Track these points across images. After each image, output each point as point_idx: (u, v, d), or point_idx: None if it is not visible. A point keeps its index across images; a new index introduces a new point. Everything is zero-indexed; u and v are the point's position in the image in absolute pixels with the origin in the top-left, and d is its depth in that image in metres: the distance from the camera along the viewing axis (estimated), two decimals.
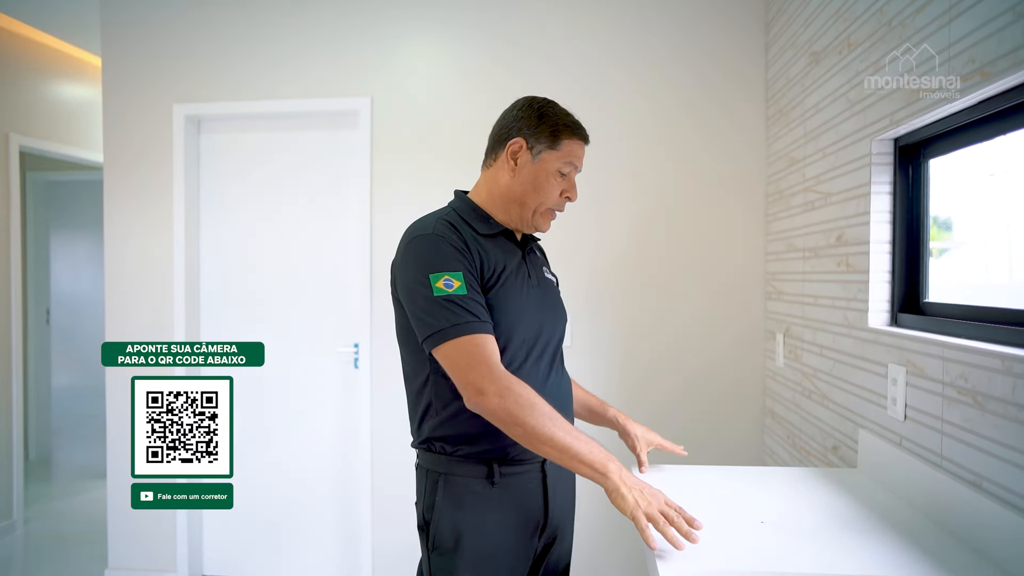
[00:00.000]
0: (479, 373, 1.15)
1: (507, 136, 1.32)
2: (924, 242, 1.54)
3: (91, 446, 4.68)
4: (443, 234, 1.24)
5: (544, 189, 1.31)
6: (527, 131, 1.30)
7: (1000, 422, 1.09)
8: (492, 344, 1.19)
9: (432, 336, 1.19)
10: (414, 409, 1.34)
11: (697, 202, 2.59)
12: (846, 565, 1.05)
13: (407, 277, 1.24)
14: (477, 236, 1.29)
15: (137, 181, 2.88)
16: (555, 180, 1.31)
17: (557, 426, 1.13)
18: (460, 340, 1.17)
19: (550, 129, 1.30)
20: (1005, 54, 1.07)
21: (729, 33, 2.57)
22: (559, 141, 1.30)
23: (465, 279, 1.20)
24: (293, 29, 2.78)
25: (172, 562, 2.87)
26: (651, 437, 1.51)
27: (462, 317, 1.17)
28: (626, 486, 1.10)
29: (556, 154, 1.30)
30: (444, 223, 1.27)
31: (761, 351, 2.56)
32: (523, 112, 1.32)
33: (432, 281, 1.19)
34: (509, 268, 1.29)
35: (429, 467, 1.32)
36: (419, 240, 1.26)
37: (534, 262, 1.40)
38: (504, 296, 1.26)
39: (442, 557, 1.27)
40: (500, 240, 1.33)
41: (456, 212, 1.33)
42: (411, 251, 1.26)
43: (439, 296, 1.18)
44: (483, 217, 1.33)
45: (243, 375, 2.91)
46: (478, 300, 1.21)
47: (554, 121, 1.30)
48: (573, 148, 1.32)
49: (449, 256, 1.22)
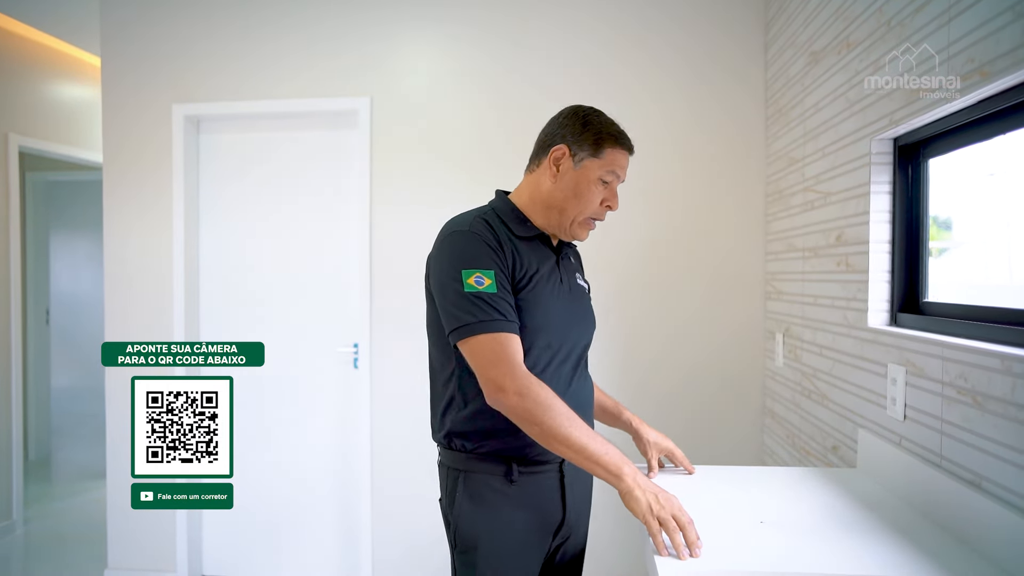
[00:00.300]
0: (500, 371, 1.17)
1: (551, 142, 1.33)
2: (924, 241, 1.54)
3: (90, 446, 4.67)
4: (479, 232, 1.26)
5: (585, 196, 1.32)
6: (570, 138, 1.31)
7: (1000, 422, 1.09)
8: (516, 343, 1.21)
9: (458, 330, 1.21)
10: (437, 403, 1.36)
11: (696, 202, 2.59)
12: (846, 565, 1.05)
13: (440, 271, 1.27)
14: (513, 237, 1.31)
15: (136, 181, 2.88)
16: (596, 188, 1.32)
17: (574, 426, 1.15)
18: (485, 337, 1.19)
19: (593, 137, 1.30)
20: (1004, 53, 1.07)
21: (729, 32, 2.57)
22: (602, 149, 1.30)
23: (496, 278, 1.22)
24: (292, 29, 2.78)
25: (172, 562, 2.87)
26: (665, 444, 1.51)
27: (489, 315, 1.20)
28: (640, 489, 1.10)
29: (598, 162, 1.31)
30: (481, 221, 1.29)
31: (761, 351, 2.56)
32: (568, 119, 1.33)
33: (464, 277, 1.21)
34: (541, 272, 1.31)
35: (450, 464, 1.33)
36: (455, 236, 1.27)
37: (567, 267, 1.41)
38: (533, 299, 1.28)
39: (464, 555, 1.30)
40: (535, 243, 1.35)
41: (495, 211, 1.35)
42: (446, 246, 1.28)
43: (469, 292, 1.20)
44: (521, 219, 1.34)
45: (242, 375, 2.91)
46: (507, 300, 1.23)
47: (598, 129, 1.31)
48: (616, 157, 1.32)
49: (482, 254, 1.24)
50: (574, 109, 1.35)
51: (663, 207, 2.61)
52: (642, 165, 2.60)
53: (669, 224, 2.60)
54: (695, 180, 2.58)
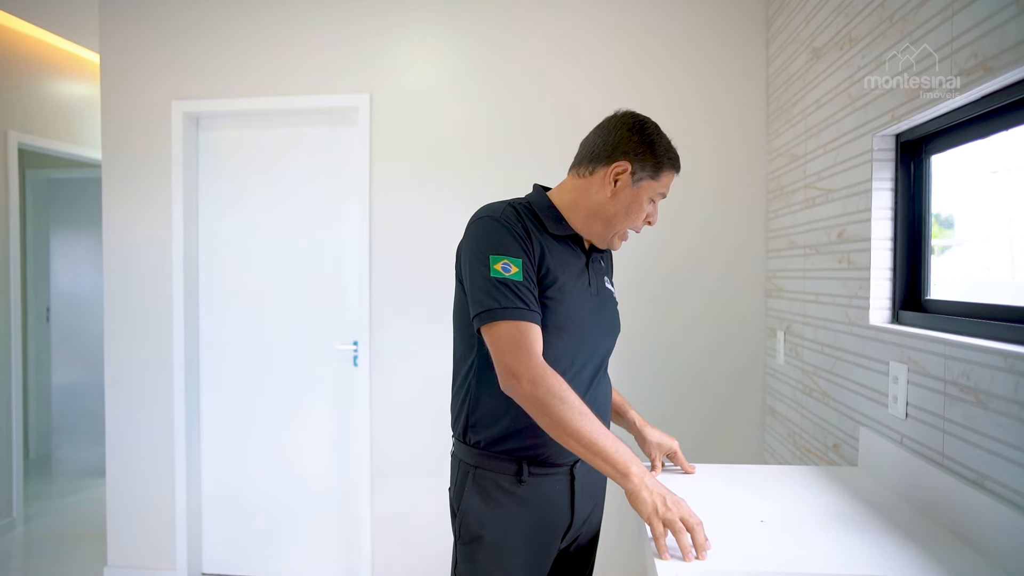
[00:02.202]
0: (517, 358, 1.18)
1: (612, 156, 1.30)
2: (926, 238, 1.53)
3: (91, 444, 4.68)
4: (509, 220, 1.27)
5: (635, 214, 1.33)
6: (633, 156, 1.30)
7: (1002, 420, 1.08)
8: (536, 333, 1.21)
9: (481, 314, 1.21)
10: (456, 395, 1.37)
11: (697, 199, 2.58)
12: (847, 564, 1.04)
13: (469, 254, 1.27)
14: (544, 232, 1.31)
15: (136, 178, 2.87)
16: (646, 206, 1.34)
17: (585, 421, 1.14)
18: (507, 323, 1.19)
19: (655, 160, 1.30)
20: (1008, 48, 1.06)
21: (730, 29, 2.56)
22: (661, 172, 1.32)
23: (523, 266, 1.23)
24: (292, 25, 2.77)
25: (171, 560, 2.87)
26: (668, 444, 1.50)
27: (513, 302, 1.20)
28: (647, 490, 1.10)
29: (655, 184, 1.32)
30: (512, 211, 1.29)
31: (762, 349, 2.55)
32: (632, 134, 1.31)
33: (492, 262, 1.22)
34: (569, 273, 1.31)
35: (462, 458, 1.34)
36: (485, 221, 1.28)
37: (597, 271, 1.41)
38: (559, 298, 1.28)
39: (466, 547, 1.31)
40: (566, 243, 1.34)
41: (530, 204, 1.35)
42: (477, 230, 1.28)
43: (495, 277, 1.21)
44: (557, 218, 1.34)
45: (242, 373, 2.92)
46: (531, 290, 1.24)
47: (662, 152, 1.31)
48: (670, 179, 1.35)
49: (511, 242, 1.24)
50: (637, 123, 1.32)
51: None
52: None
53: (669, 221, 2.59)
54: (696, 177, 2.57)
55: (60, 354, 4.86)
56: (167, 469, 2.86)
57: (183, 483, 2.85)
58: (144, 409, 2.88)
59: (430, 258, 2.69)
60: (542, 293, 1.26)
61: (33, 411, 4.81)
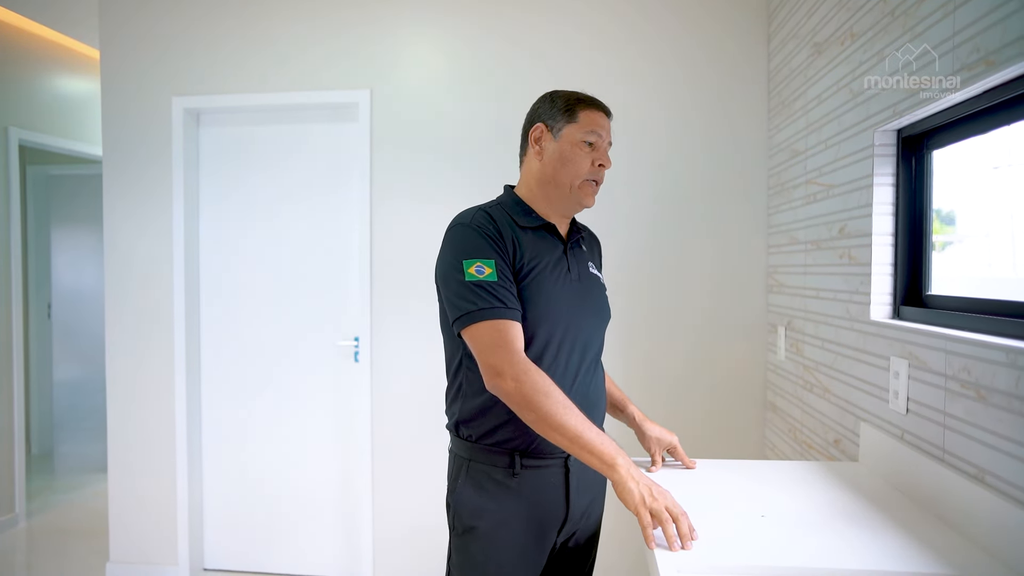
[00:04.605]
0: (499, 356, 1.19)
1: (529, 127, 1.40)
2: (927, 234, 1.53)
3: (92, 440, 4.69)
4: (480, 224, 1.29)
5: (572, 161, 1.34)
6: (544, 115, 1.37)
7: (1003, 415, 1.08)
8: (516, 331, 1.23)
9: (461, 318, 1.24)
10: (448, 391, 1.39)
11: (698, 194, 2.57)
12: (847, 559, 1.04)
13: (443, 262, 1.31)
14: (516, 228, 1.33)
15: (137, 174, 2.87)
16: (581, 151, 1.34)
17: (569, 415, 1.15)
18: (486, 324, 1.21)
19: (564, 105, 1.36)
20: (1010, 42, 1.06)
21: (731, 24, 2.55)
22: (575, 114, 1.35)
23: (497, 267, 1.25)
24: (292, 21, 2.77)
25: (173, 556, 2.88)
26: (668, 439, 1.50)
27: (490, 302, 1.22)
28: (633, 480, 1.10)
29: (576, 127, 1.34)
30: (483, 214, 1.32)
31: (762, 344, 2.55)
32: (539, 102, 1.41)
33: (465, 267, 1.24)
34: (545, 261, 1.32)
35: (457, 451, 1.37)
36: (457, 228, 1.31)
37: (579, 257, 1.41)
38: (536, 288, 1.29)
39: (459, 538, 1.33)
40: (541, 233, 1.36)
41: (500, 205, 1.38)
42: (449, 238, 1.32)
43: (470, 281, 1.23)
44: (526, 211, 1.37)
45: (244, 369, 2.92)
46: (508, 288, 1.25)
47: (567, 97, 1.37)
48: (592, 117, 1.35)
49: (483, 244, 1.26)
50: (544, 93, 1.42)
51: (664, 199, 2.60)
52: (643, 157, 2.60)
53: (670, 216, 2.59)
54: (696, 172, 2.57)
55: (62, 350, 4.87)
56: (169, 465, 2.87)
57: (185, 478, 2.85)
58: (146, 405, 2.89)
59: (431, 253, 2.67)
60: (520, 283, 1.28)
61: (35, 407, 4.82)
